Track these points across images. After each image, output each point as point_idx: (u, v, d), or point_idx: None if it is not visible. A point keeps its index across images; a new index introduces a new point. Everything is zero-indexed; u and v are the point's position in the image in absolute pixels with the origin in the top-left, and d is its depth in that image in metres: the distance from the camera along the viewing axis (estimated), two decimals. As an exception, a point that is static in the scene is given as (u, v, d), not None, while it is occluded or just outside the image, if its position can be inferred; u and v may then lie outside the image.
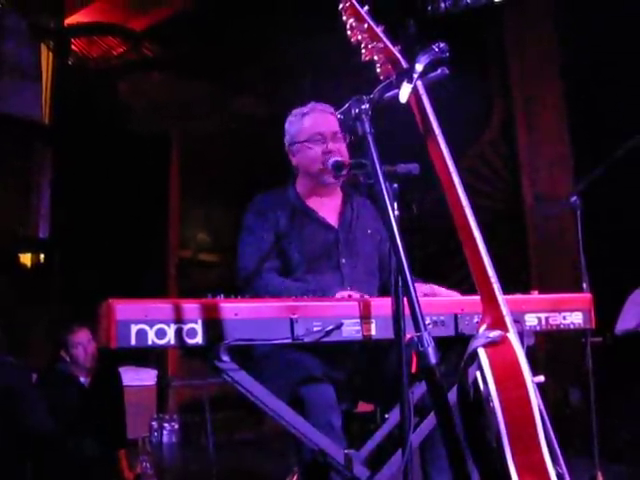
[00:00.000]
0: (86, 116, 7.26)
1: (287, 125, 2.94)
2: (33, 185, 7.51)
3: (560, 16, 6.63)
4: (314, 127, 2.82)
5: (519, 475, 1.58)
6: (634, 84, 5.54)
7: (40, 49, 7.63)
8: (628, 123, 4.35)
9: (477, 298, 2.00)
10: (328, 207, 2.88)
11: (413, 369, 1.71)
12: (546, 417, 1.62)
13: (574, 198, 3.91)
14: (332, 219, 2.85)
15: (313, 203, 2.86)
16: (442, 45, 1.72)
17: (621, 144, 3.85)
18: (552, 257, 6.41)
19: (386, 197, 1.81)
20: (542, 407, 1.62)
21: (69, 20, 7.68)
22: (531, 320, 2.39)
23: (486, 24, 7.03)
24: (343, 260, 2.77)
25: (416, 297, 1.72)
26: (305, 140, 2.83)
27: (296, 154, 2.88)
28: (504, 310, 1.76)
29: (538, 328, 2.40)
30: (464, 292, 2.47)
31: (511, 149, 6.95)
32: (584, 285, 3.74)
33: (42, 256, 7.44)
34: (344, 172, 2.54)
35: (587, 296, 2.59)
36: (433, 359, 1.67)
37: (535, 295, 2.48)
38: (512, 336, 1.72)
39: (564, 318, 2.47)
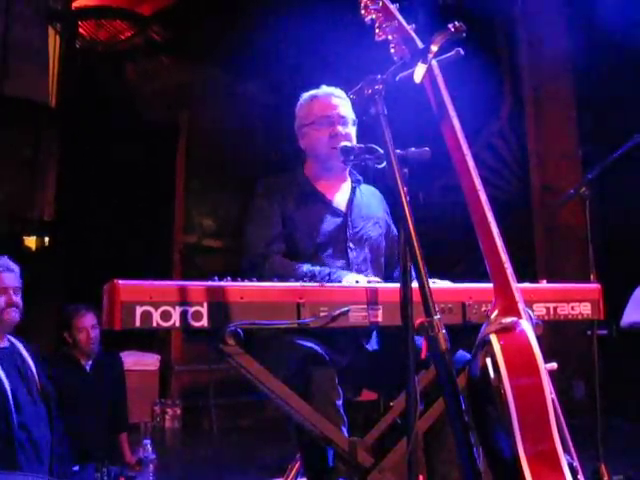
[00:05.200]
0: (93, 99, 7.23)
1: (297, 109, 2.90)
2: (39, 168, 7.48)
3: (572, 7, 6.59)
4: (322, 110, 2.78)
5: (529, 464, 1.55)
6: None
7: (48, 32, 7.57)
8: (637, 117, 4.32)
9: (486, 286, 1.98)
10: (336, 192, 2.83)
11: (422, 355, 1.68)
12: (558, 406, 1.59)
13: (583, 188, 3.87)
14: (340, 204, 2.81)
15: (321, 187, 2.81)
16: (458, 25, 1.68)
17: (629, 138, 3.81)
18: (559, 249, 6.38)
19: (399, 181, 1.77)
20: (554, 395, 1.59)
21: (77, 3, 7.65)
22: (539, 310, 2.36)
23: (497, 14, 6.98)
24: (351, 244, 2.73)
25: (427, 282, 1.69)
26: (312, 122, 2.79)
27: (304, 137, 2.84)
28: (517, 296, 1.73)
29: (546, 318, 2.38)
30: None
31: (519, 140, 6.91)
32: (592, 276, 3.71)
33: (47, 239, 7.42)
34: (352, 157, 2.48)
35: (596, 287, 2.57)
36: (444, 345, 1.64)
37: (544, 285, 2.46)
38: (525, 323, 1.69)
39: (572, 308, 2.44)
